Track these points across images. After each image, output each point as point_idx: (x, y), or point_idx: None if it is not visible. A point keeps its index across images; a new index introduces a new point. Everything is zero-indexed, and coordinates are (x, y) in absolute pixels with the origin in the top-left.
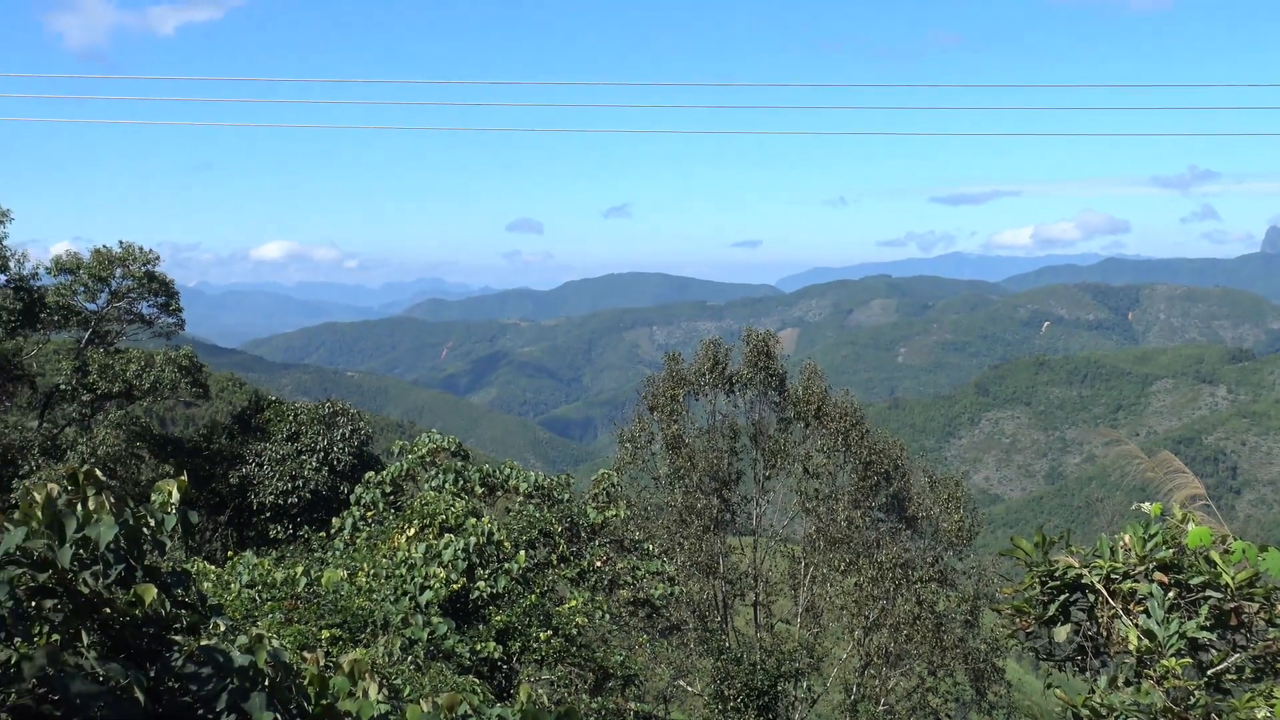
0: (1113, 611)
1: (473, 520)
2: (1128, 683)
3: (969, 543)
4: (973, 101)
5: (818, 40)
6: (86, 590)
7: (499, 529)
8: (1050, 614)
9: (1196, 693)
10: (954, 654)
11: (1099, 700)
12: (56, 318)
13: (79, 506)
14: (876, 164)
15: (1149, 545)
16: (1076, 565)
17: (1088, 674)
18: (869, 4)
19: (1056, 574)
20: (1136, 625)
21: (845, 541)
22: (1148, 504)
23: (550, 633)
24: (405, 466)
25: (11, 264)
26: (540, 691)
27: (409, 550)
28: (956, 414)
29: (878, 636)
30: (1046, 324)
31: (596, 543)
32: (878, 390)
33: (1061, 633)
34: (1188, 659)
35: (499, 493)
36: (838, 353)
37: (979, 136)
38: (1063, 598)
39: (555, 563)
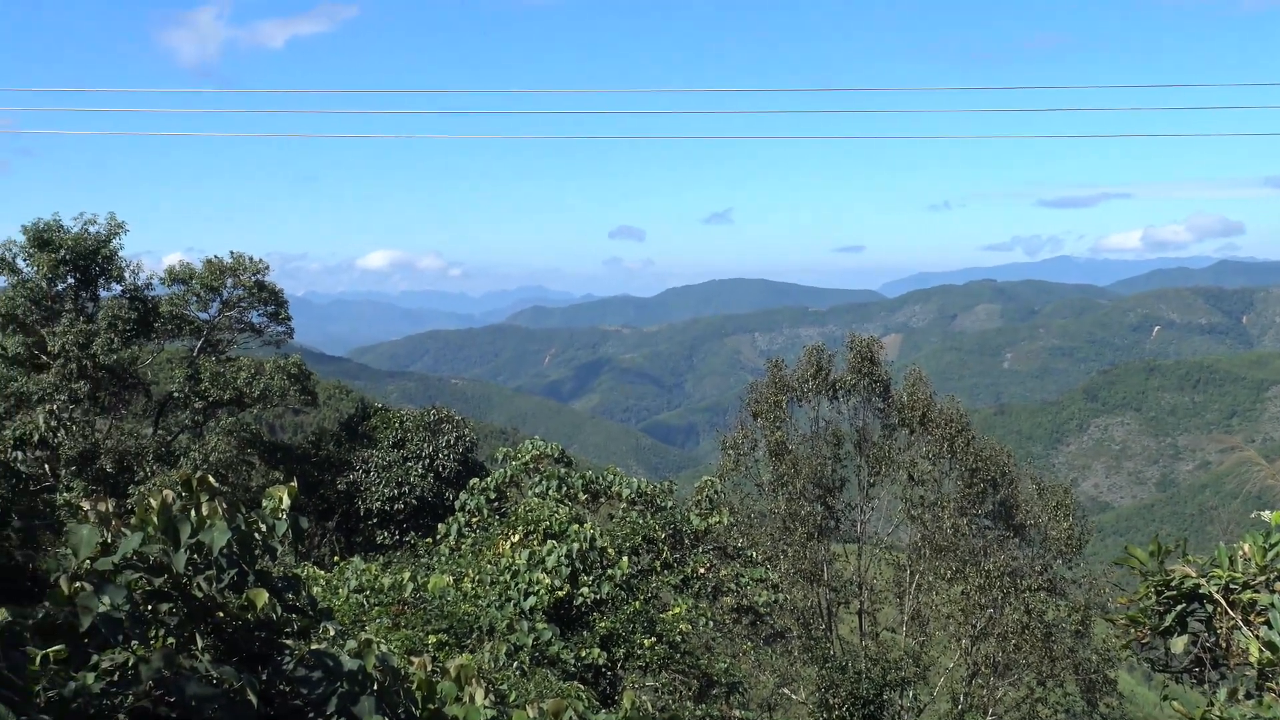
0: (1232, 622)
1: (576, 526)
2: (1248, 696)
3: (1079, 551)
4: (1079, 103)
5: (921, 44)
6: (201, 595)
7: (602, 535)
8: (1166, 625)
9: None
10: (1064, 664)
11: (1218, 714)
12: (170, 327)
13: (193, 512)
14: (981, 167)
15: (1270, 554)
16: (1194, 575)
17: (1205, 686)
18: (972, 7)
19: (1173, 584)
20: (1257, 637)
21: (951, 549)
22: (1268, 512)
23: (654, 639)
24: (509, 473)
25: (127, 275)
26: (644, 698)
27: (513, 556)
28: (1064, 420)
29: (985, 645)
30: (1157, 328)
31: (700, 549)
32: (983, 396)
33: (1178, 644)
34: None
35: (602, 499)
36: (942, 358)
37: (1087, 139)
38: (1179, 608)
39: (659, 569)
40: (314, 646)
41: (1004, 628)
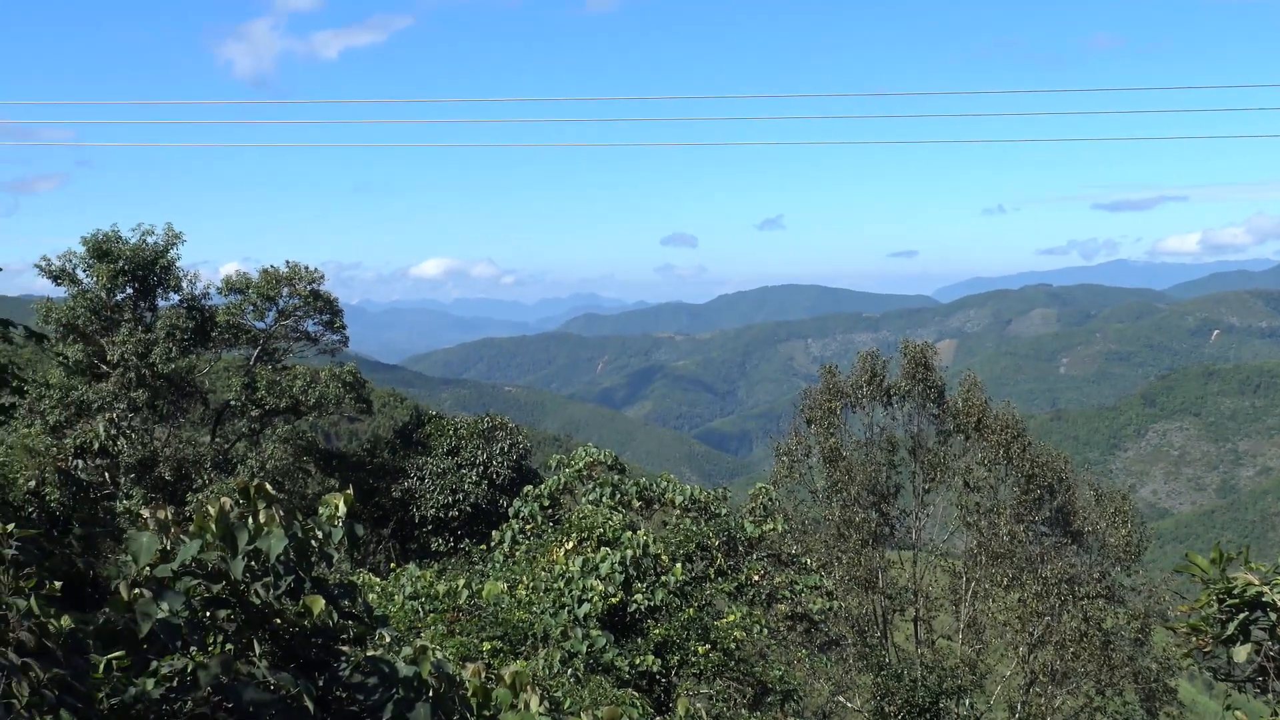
0: None
1: (629, 533)
2: None
3: (1137, 558)
4: (1136, 105)
5: (976, 47)
6: (258, 601)
7: (656, 542)
8: (1229, 633)
9: None
10: (1123, 673)
11: None
12: (227, 336)
13: (250, 519)
14: (1037, 171)
15: None
16: (1257, 582)
17: (1269, 696)
18: (1028, 9)
19: (1235, 591)
20: None
21: (1008, 556)
22: None
23: (708, 646)
24: (563, 480)
25: (184, 284)
26: (699, 706)
27: (567, 563)
28: (1121, 426)
29: (1043, 653)
30: (1216, 332)
31: (754, 557)
32: (1039, 402)
33: (1241, 653)
34: None
35: (655, 506)
36: (997, 364)
37: (1144, 141)
38: (1242, 616)
39: (713, 576)
40: (370, 653)
41: (1062, 635)
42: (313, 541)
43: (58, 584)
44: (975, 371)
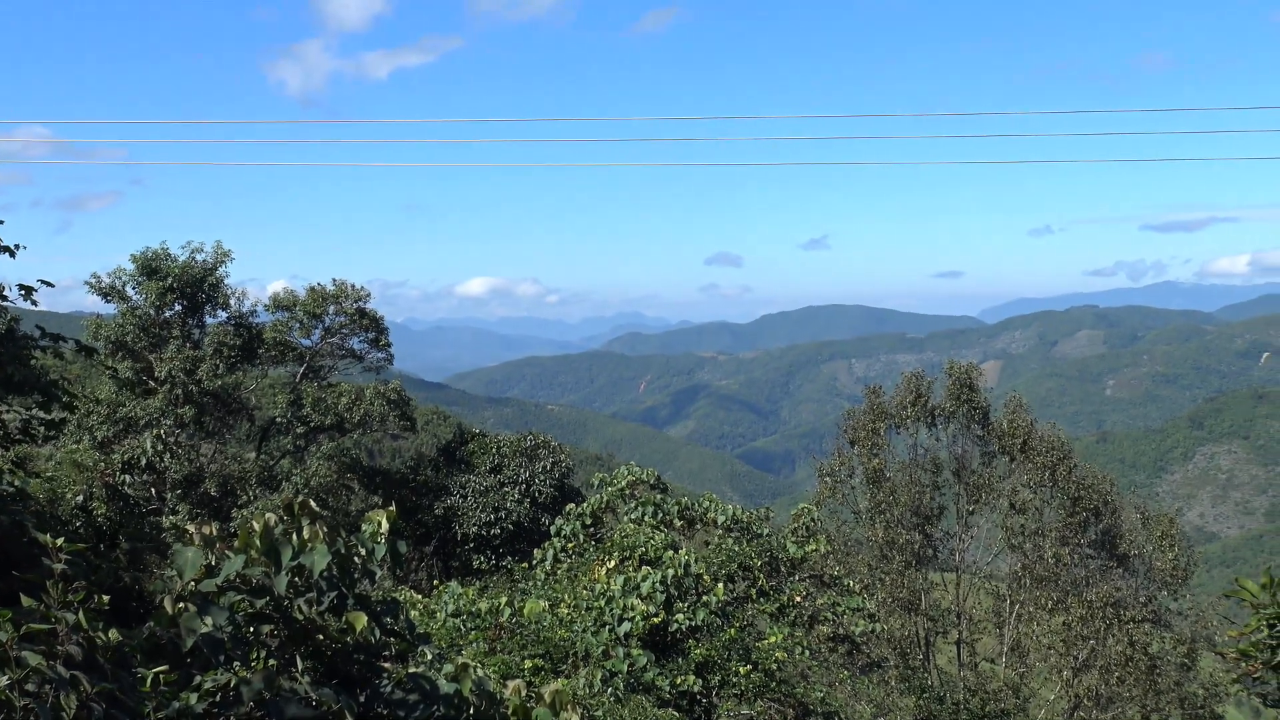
0: None
1: (671, 553)
2: None
3: (1184, 582)
4: (1188, 125)
5: (1024, 65)
6: (301, 617)
7: (698, 562)
8: (1279, 659)
9: None
10: (1169, 698)
11: None
12: (273, 353)
13: (294, 536)
14: (1085, 191)
15: None
16: None
17: None
18: (1080, 30)
19: None
20: None
21: (1053, 579)
22: None
23: (750, 667)
24: (605, 499)
25: (232, 302)
26: None
27: (608, 582)
28: (1169, 448)
29: (1087, 678)
30: (1266, 355)
31: (796, 577)
32: (1084, 424)
33: None
34: None
35: (697, 525)
36: (1042, 385)
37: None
38: None
39: (754, 597)
40: (411, 670)
41: (1107, 660)
42: (355, 558)
43: (105, 598)
44: (1020, 393)
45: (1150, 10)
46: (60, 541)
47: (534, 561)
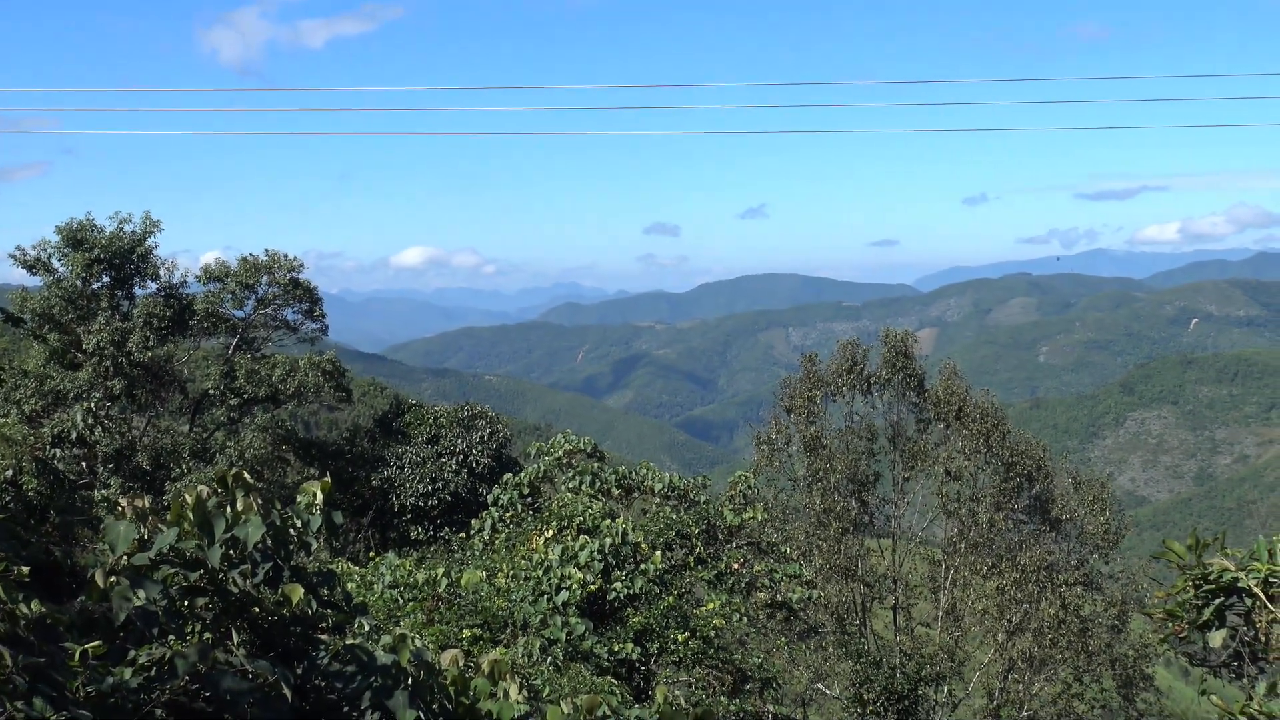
0: (1271, 616)
1: (609, 521)
2: None
3: (1115, 545)
4: (1118, 94)
5: (957, 36)
6: (236, 589)
7: (635, 530)
8: (1204, 619)
9: None
10: (1101, 659)
11: (1257, 708)
12: (205, 325)
13: (228, 508)
14: (1020, 160)
15: None
16: (1232, 568)
17: (1244, 681)
18: None
19: (1211, 577)
20: None
21: (987, 544)
22: None
23: (688, 634)
24: (542, 468)
25: (162, 273)
26: (677, 693)
27: (546, 551)
28: (1100, 414)
29: (1021, 641)
30: (1195, 321)
31: (734, 545)
32: (1018, 390)
33: (1217, 638)
34: None
35: (635, 494)
36: (977, 352)
37: (1127, 131)
38: (1218, 602)
39: (692, 564)
40: (348, 641)
41: (1040, 622)
42: (291, 530)
43: (25, 569)
44: (955, 360)
45: None
46: None
47: (471, 532)
